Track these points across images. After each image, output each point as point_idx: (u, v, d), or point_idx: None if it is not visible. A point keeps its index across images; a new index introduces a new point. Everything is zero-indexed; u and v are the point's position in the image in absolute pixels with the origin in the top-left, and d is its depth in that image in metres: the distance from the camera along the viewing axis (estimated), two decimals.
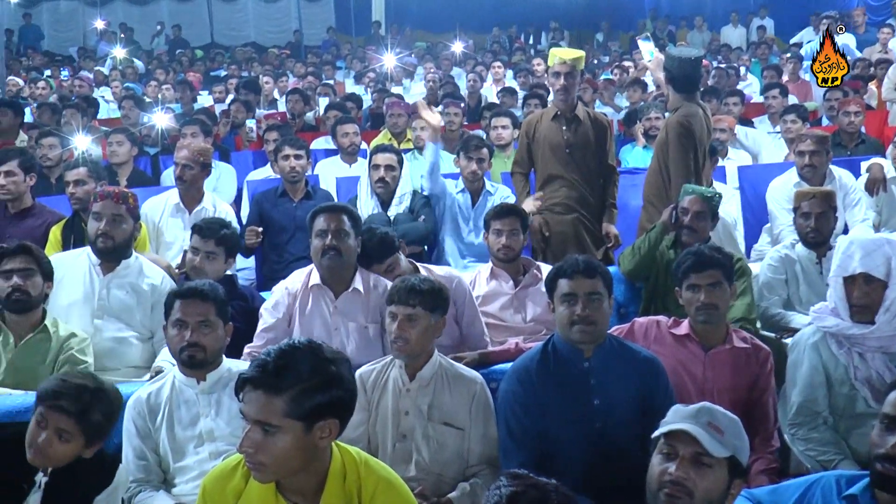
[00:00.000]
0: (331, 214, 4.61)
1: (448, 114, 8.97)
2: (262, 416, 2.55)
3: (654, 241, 5.19)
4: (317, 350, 2.62)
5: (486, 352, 4.48)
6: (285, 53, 19.65)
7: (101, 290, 4.83)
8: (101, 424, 3.23)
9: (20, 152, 6.50)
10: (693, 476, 2.76)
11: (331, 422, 2.60)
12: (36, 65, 18.18)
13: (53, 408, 3.17)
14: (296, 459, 2.60)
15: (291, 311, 4.59)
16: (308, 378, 2.56)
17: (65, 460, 3.21)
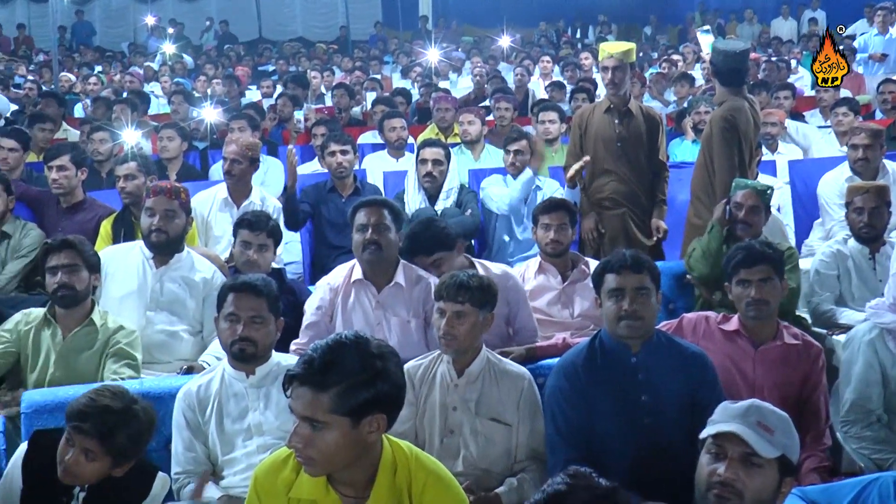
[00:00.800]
0: (371, 209, 4.62)
1: (499, 109, 8.96)
2: (309, 413, 2.56)
3: (718, 241, 5.07)
4: (363, 345, 2.62)
5: (533, 347, 4.46)
6: (332, 48, 19.72)
7: (154, 284, 4.88)
8: (126, 447, 3.20)
9: (72, 147, 6.60)
10: (742, 476, 2.74)
11: (378, 416, 2.60)
12: (87, 61, 18.38)
13: (78, 429, 3.15)
14: (345, 454, 2.60)
15: (333, 306, 4.60)
16: (354, 374, 2.56)
17: (93, 479, 3.21)
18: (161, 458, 3.71)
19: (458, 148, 7.88)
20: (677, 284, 5.39)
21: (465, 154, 7.92)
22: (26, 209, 6.36)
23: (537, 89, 12.66)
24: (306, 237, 6.84)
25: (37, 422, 3.77)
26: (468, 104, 9.76)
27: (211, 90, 12.75)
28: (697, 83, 11.93)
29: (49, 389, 4.05)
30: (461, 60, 16.64)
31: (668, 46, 18.32)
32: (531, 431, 3.86)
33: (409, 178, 6.57)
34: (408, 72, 15.28)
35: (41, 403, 3.83)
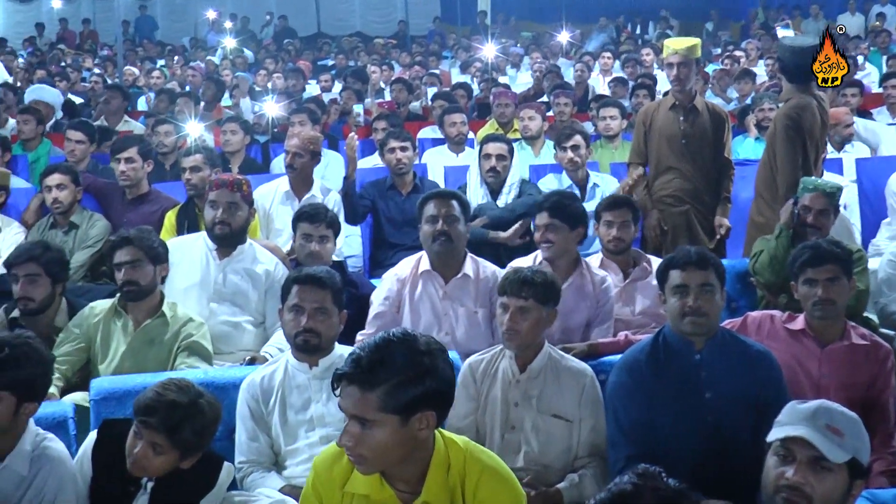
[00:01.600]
0: (441, 200, 4.68)
1: (558, 104, 8.93)
2: (357, 411, 2.57)
3: (786, 246, 4.97)
4: (411, 342, 2.62)
5: (595, 343, 4.45)
6: (391, 43, 19.77)
7: (217, 275, 4.95)
8: (192, 441, 3.22)
9: (139, 139, 6.70)
10: (811, 480, 2.69)
11: (428, 414, 2.61)
12: (150, 55, 18.61)
13: (145, 423, 3.19)
14: (396, 451, 2.61)
15: (401, 297, 4.66)
16: (402, 372, 2.56)
17: (161, 471, 3.24)
18: (225, 448, 3.74)
19: (519, 143, 7.86)
20: (740, 283, 5.33)
21: (525, 150, 7.91)
22: (93, 200, 6.47)
23: (597, 85, 12.60)
24: (366, 231, 6.88)
25: (105, 409, 3.84)
26: (527, 100, 9.74)
27: (271, 84, 12.85)
28: (760, 80, 11.80)
29: (118, 377, 4.12)
30: (519, 56, 16.59)
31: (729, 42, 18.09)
32: (593, 428, 3.85)
33: (472, 173, 6.58)
34: (466, 67, 15.27)
35: (110, 391, 3.89)
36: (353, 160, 6.32)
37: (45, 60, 16.83)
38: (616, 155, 7.87)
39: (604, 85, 12.59)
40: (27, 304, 4.50)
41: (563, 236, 4.77)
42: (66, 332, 4.48)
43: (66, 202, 6.02)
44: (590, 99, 10.74)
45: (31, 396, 3.29)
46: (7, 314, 4.56)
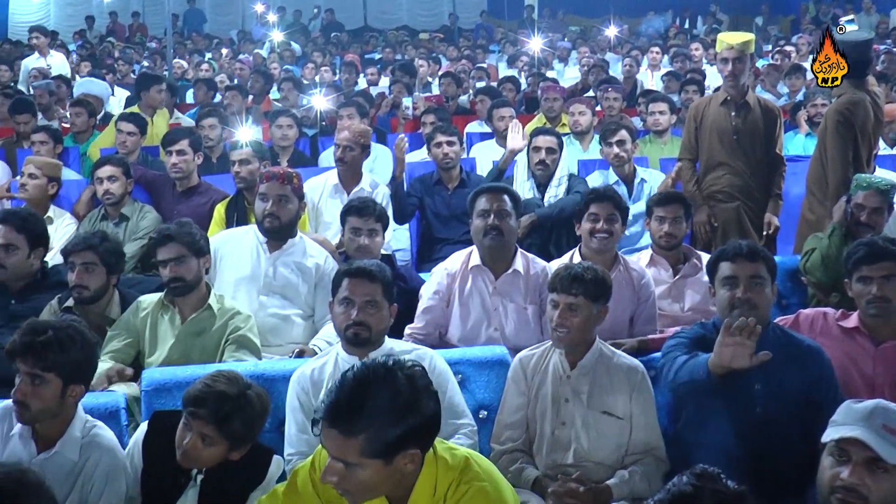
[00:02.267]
0: (493, 195, 4.68)
1: (607, 99, 8.89)
2: (339, 455, 2.53)
3: (838, 245, 4.89)
4: (391, 381, 2.54)
5: (645, 339, 4.44)
6: (438, 37, 19.78)
7: (268, 268, 4.96)
8: (241, 432, 3.26)
9: (189, 132, 6.75)
10: (868, 482, 2.66)
11: (412, 452, 2.57)
12: (198, 48, 18.75)
13: (195, 414, 3.22)
14: (381, 487, 2.60)
15: (451, 291, 4.66)
16: (381, 416, 2.51)
17: (211, 462, 3.27)
18: (274, 440, 3.76)
19: (568, 138, 7.83)
20: (791, 281, 5.27)
21: (574, 144, 7.88)
22: (143, 192, 6.54)
23: (645, 80, 12.53)
24: (414, 225, 6.89)
25: (156, 400, 3.87)
26: (575, 94, 9.71)
27: (319, 77, 12.89)
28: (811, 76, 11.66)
29: (168, 369, 4.14)
30: (567, 50, 16.53)
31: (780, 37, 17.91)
32: (645, 425, 3.82)
33: (519, 167, 6.56)
34: (514, 61, 15.24)
35: (160, 382, 3.92)
36: (402, 161, 6.33)
37: (94, 54, 17.00)
38: (665, 150, 7.82)
39: (652, 80, 12.54)
40: (82, 292, 4.55)
41: (618, 229, 4.80)
42: (114, 329, 4.51)
43: (117, 194, 6.09)
44: (638, 94, 10.68)
45: (77, 379, 3.35)
46: (60, 304, 4.61)
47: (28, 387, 3.26)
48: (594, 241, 4.78)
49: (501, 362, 4.11)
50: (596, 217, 4.78)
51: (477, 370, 4.08)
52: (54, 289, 4.79)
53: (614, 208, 4.80)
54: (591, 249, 4.80)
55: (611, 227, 4.77)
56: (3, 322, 4.70)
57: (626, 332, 4.61)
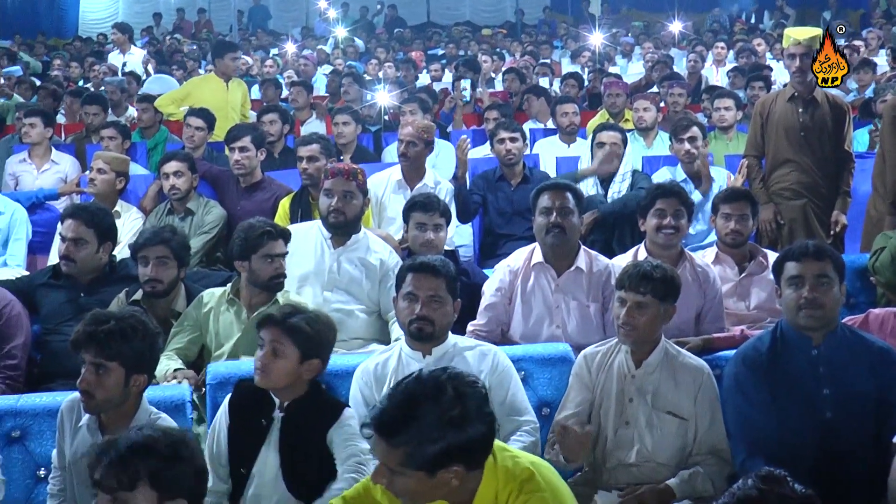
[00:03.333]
0: (555, 192, 4.65)
1: (672, 94, 8.80)
2: (384, 461, 2.58)
3: None
4: (438, 397, 2.56)
5: (710, 337, 4.36)
6: (500, 32, 19.73)
7: (332, 264, 4.98)
8: (309, 335, 3.43)
9: (252, 128, 6.80)
10: None
11: (455, 469, 2.57)
12: (263, 44, 18.88)
13: (264, 321, 3.44)
14: (428, 495, 2.61)
15: (513, 288, 4.63)
16: (424, 432, 2.53)
17: (284, 376, 3.43)
18: None
19: (632, 134, 7.77)
20: (860, 280, 5.16)
21: (637, 141, 7.81)
22: (208, 187, 6.60)
23: (710, 75, 12.39)
24: (476, 221, 6.87)
25: (221, 393, 3.87)
26: (638, 90, 9.63)
27: (382, 73, 12.92)
28: (881, 70, 11.45)
29: (232, 363, 4.20)
30: (630, 45, 16.40)
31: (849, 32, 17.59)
32: (709, 426, 3.77)
33: (582, 163, 6.53)
34: (576, 56, 15.16)
35: (225, 375, 3.95)
36: (465, 162, 6.32)
37: (161, 50, 17.21)
38: (730, 147, 7.72)
39: (717, 75, 12.38)
40: (155, 286, 4.60)
41: (684, 224, 4.76)
42: (178, 325, 4.56)
43: (183, 189, 6.16)
44: (702, 90, 10.56)
45: (140, 369, 3.42)
46: (128, 297, 4.66)
47: (92, 376, 3.33)
48: (660, 237, 4.72)
49: (564, 359, 4.09)
50: (662, 212, 4.73)
51: (540, 367, 4.07)
52: (122, 282, 4.85)
53: (680, 204, 4.74)
54: (657, 245, 4.74)
55: (677, 222, 4.71)
56: (72, 314, 4.75)
57: (692, 330, 4.54)
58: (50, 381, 4.57)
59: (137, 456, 2.51)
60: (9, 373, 4.54)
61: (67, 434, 3.46)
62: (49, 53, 17.56)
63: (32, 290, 4.87)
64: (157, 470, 2.50)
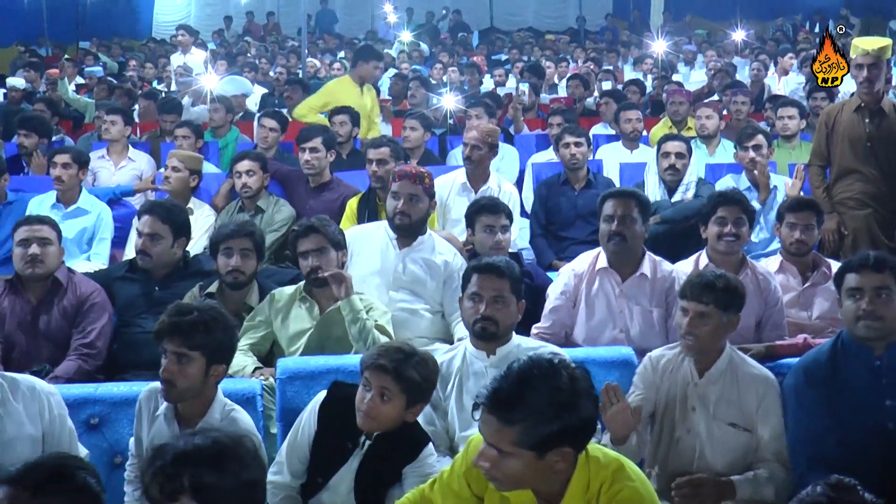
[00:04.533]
0: (619, 199, 4.64)
1: (735, 103, 8.73)
2: (494, 441, 2.58)
3: None
4: (553, 378, 2.59)
5: (773, 345, 4.33)
6: (563, 39, 19.67)
7: (397, 264, 5.00)
8: (418, 383, 3.34)
9: (323, 130, 6.85)
10: None
11: (565, 450, 2.59)
12: (330, 47, 19.01)
13: (373, 367, 3.33)
14: (530, 479, 2.63)
15: (578, 292, 4.63)
16: (540, 411, 2.55)
17: (389, 422, 3.36)
18: None
19: (694, 142, 7.72)
20: None
21: (700, 148, 7.75)
22: (278, 186, 6.68)
23: (773, 84, 12.25)
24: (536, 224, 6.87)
25: (290, 388, 3.95)
26: (700, 98, 9.55)
27: (447, 77, 12.96)
28: None
29: (302, 358, 4.24)
30: (693, 53, 16.27)
31: None
32: (772, 437, 3.71)
33: (649, 171, 6.52)
34: (638, 63, 15.08)
35: (294, 371, 4.00)
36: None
37: (231, 52, 17.41)
38: (793, 155, 7.64)
39: (780, 84, 12.25)
40: (237, 276, 4.67)
41: (745, 232, 4.73)
42: (250, 320, 4.60)
43: (254, 187, 6.24)
44: (765, 98, 10.45)
45: (219, 359, 3.47)
46: (201, 291, 4.73)
47: (175, 365, 3.37)
48: (721, 244, 4.70)
49: (627, 363, 4.08)
50: (723, 220, 4.70)
51: (603, 370, 4.03)
52: (195, 277, 4.92)
53: (742, 211, 4.71)
54: (718, 252, 4.72)
55: (738, 230, 4.69)
56: (147, 307, 4.85)
57: (752, 337, 4.51)
58: (125, 371, 4.66)
59: (181, 466, 2.39)
60: (87, 350, 4.64)
61: (145, 422, 3.51)
62: (125, 54, 17.84)
63: (110, 282, 4.95)
64: (200, 482, 2.37)
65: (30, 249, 4.66)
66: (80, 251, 6.09)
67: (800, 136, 7.90)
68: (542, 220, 6.53)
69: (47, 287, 4.74)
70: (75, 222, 6.14)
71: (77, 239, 6.08)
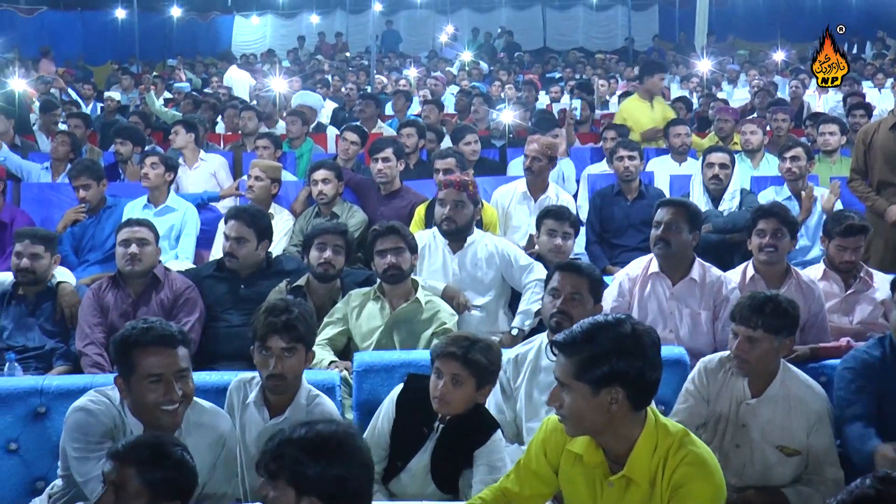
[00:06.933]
0: (668, 208, 4.66)
1: (776, 119, 8.67)
2: (559, 375, 2.70)
3: None
4: (618, 326, 2.69)
5: (816, 346, 4.28)
6: (613, 58, 19.59)
7: (454, 267, 5.11)
8: (485, 366, 3.40)
9: (393, 141, 6.92)
10: None
11: (616, 389, 2.64)
12: (395, 65, 19.12)
13: (443, 355, 3.40)
14: (589, 417, 2.67)
15: (631, 294, 4.64)
16: (598, 348, 2.64)
17: (463, 403, 3.41)
18: None
19: (739, 156, 7.68)
20: None
21: (745, 162, 7.71)
22: (352, 194, 6.74)
23: (812, 102, 12.12)
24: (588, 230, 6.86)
25: (366, 380, 4.00)
26: (744, 115, 9.50)
27: (504, 94, 12.97)
28: None
29: (377, 353, 4.30)
30: (736, 72, 16.13)
31: None
32: (822, 457, 3.63)
33: (695, 182, 6.50)
34: (685, 81, 14.99)
35: (369, 364, 4.05)
36: None
37: (304, 69, 17.58)
38: (834, 169, 7.58)
39: (819, 102, 12.11)
40: (328, 269, 4.75)
41: (785, 243, 4.67)
42: (329, 317, 4.66)
43: (329, 195, 6.31)
44: (805, 116, 10.34)
45: (310, 348, 3.58)
46: (288, 285, 4.81)
47: (285, 360, 3.44)
48: (762, 255, 4.67)
49: (679, 362, 4.06)
50: (763, 232, 4.67)
51: None
52: (277, 276, 4.99)
53: (781, 223, 4.65)
54: (761, 263, 4.69)
55: (777, 241, 4.64)
56: (233, 304, 4.94)
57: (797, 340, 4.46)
58: (211, 363, 4.70)
59: (284, 450, 2.44)
60: None
61: (236, 410, 3.56)
62: (207, 71, 18.09)
63: (199, 280, 5.03)
64: (296, 468, 2.41)
65: (130, 249, 4.79)
66: (169, 247, 6.20)
67: (840, 151, 7.83)
68: (596, 229, 6.52)
69: (146, 283, 4.86)
70: (164, 220, 6.24)
71: (166, 235, 6.17)
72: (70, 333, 4.87)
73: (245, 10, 25.53)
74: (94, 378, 3.93)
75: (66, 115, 10.07)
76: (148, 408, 3.10)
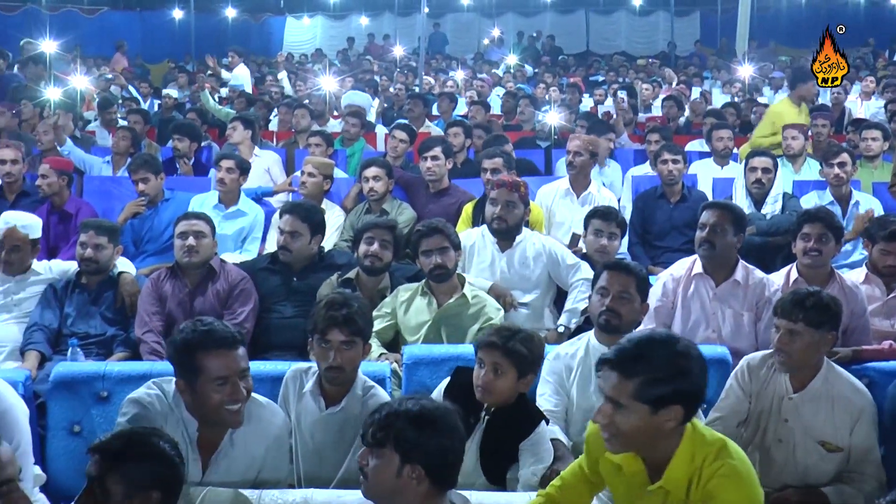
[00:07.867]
0: (713, 211, 4.63)
1: (816, 125, 8.55)
2: (613, 394, 2.61)
3: None
4: (672, 344, 2.64)
5: (859, 349, 4.19)
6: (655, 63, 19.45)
7: (502, 266, 5.10)
8: (525, 356, 3.40)
9: (442, 140, 6.92)
10: None
11: (675, 409, 2.59)
12: (441, 67, 19.13)
13: (485, 345, 3.41)
14: (641, 436, 2.62)
15: (675, 295, 4.61)
16: (658, 369, 2.58)
17: (505, 393, 3.41)
18: None
19: (781, 160, 7.58)
20: None
21: (787, 167, 7.61)
22: (401, 191, 6.76)
23: (854, 108, 11.96)
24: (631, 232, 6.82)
25: (415, 372, 4.01)
26: None
27: (548, 96, 12.93)
28: None
29: (425, 346, 4.31)
30: (780, 79, 15.94)
31: None
32: (864, 455, 3.57)
33: (737, 185, 6.45)
34: (727, 86, 14.85)
35: (419, 357, 4.06)
36: None
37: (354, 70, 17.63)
38: (875, 175, 7.47)
39: (861, 107, 11.95)
40: (374, 262, 4.76)
41: (830, 248, 4.60)
42: (378, 311, 4.65)
43: (380, 191, 6.32)
44: (846, 122, 10.20)
45: (368, 338, 3.61)
46: (339, 278, 4.82)
47: (343, 353, 3.45)
48: (806, 259, 4.61)
49: (722, 361, 4.01)
50: (807, 237, 4.61)
51: None
52: (328, 269, 5.00)
53: (825, 228, 4.60)
54: (805, 266, 4.64)
55: (821, 246, 4.58)
56: (285, 296, 4.97)
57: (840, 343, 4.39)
58: (264, 353, 4.73)
59: (391, 420, 2.57)
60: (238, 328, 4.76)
61: (292, 399, 3.56)
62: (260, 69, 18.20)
63: (253, 272, 5.06)
64: (402, 436, 2.54)
65: (187, 241, 4.84)
66: (236, 247, 6.25)
67: (882, 156, 7.71)
68: (638, 230, 6.48)
69: (202, 274, 4.90)
70: (234, 222, 6.30)
71: (235, 237, 6.25)
72: (129, 321, 4.92)
73: (297, 12, 25.67)
74: (154, 365, 3.97)
75: (126, 111, 10.20)
76: (213, 408, 3.12)
